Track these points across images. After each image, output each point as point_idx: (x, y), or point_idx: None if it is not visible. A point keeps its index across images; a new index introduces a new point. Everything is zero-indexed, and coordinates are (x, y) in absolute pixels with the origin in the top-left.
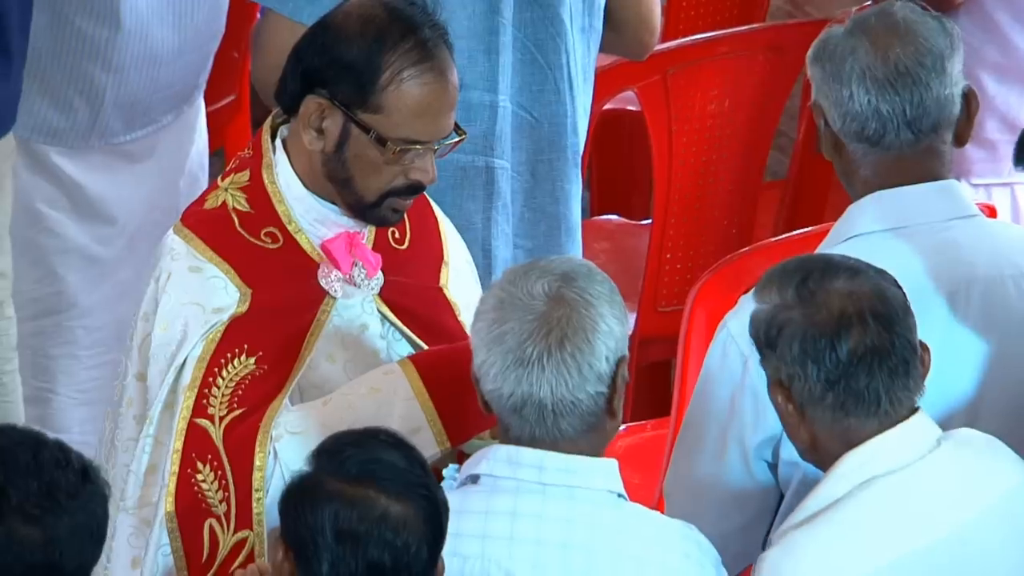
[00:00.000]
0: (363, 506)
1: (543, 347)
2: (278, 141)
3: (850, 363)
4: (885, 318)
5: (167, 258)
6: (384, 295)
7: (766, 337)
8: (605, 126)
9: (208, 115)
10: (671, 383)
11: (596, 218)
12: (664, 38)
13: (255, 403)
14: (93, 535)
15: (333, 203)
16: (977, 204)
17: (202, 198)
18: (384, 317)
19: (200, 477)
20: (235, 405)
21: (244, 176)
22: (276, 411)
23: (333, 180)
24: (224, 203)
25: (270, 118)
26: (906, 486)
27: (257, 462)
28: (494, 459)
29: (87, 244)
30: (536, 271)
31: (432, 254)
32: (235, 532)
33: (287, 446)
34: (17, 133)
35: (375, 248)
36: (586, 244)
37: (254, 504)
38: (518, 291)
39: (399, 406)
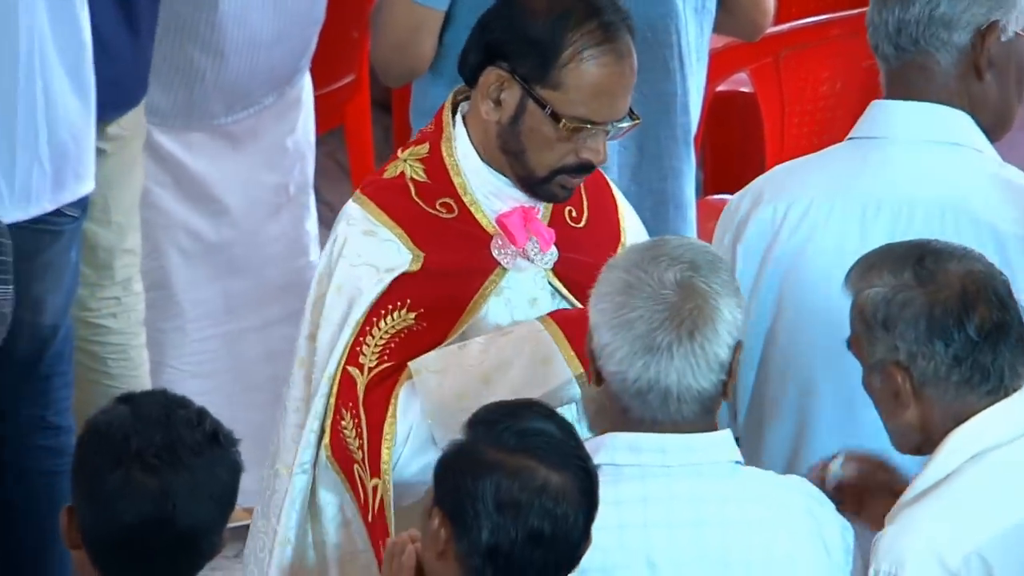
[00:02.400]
0: (524, 476)
1: (674, 337)
2: (458, 116)
3: (979, 339)
4: (1002, 296)
5: (343, 223)
6: (558, 270)
7: (883, 318)
8: (718, 107)
9: (327, 94)
10: None
11: (710, 197)
12: (777, 20)
13: (404, 360)
14: (213, 497)
15: (506, 176)
16: None
17: (382, 168)
18: (556, 292)
19: (343, 423)
20: (385, 358)
21: (423, 148)
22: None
23: (506, 152)
24: (402, 173)
25: (452, 94)
26: (1016, 457)
27: (388, 418)
28: (613, 448)
29: (190, 220)
30: (665, 258)
31: (609, 233)
32: (371, 478)
33: (425, 381)
34: None
35: (551, 224)
36: (700, 223)
37: (383, 452)
38: (648, 277)
39: (530, 343)
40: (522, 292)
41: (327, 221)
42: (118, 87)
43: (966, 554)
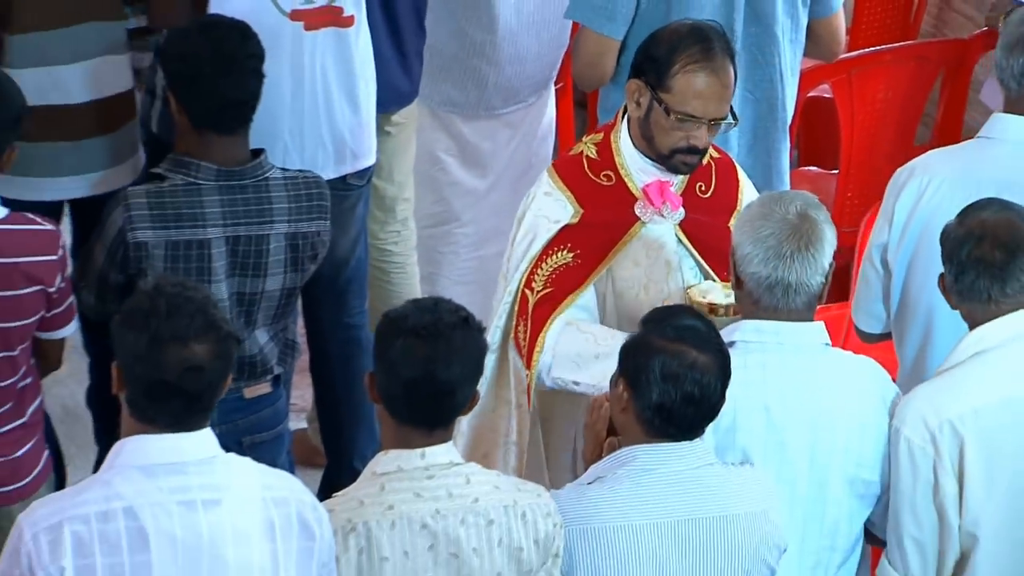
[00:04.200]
0: (681, 356)
1: (795, 247)
2: (626, 116)
3: (965, 264)
4: (1006, 241)
5: (536, 185)
6: (683, 226)
7: (947, 254)
8: (809, 107)
9: None
10: (850, 279)
11: (801, 168)
12: (848, 49)
13: (562, 286)
14: (464, 362)
15: (649, 157)
16: None
17: (570, 148)
18: (679, 241)
19: (520, 329)
20: (549, 284)
21: (599, 136)
22: (572, 302)
23: (644, 139)
24: (582, 152)
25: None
26: (1011, 351)
27: (543, 334)
28: (744, 331)
29: (467, 180)
30: (787, 197)
31: (728, 203)
32: (525, 369)
33: (569, 332)
34: (431, 105)
35: (684, 193)
36: (792, 185)
37: (535, 355)
38: (777, 208)
39: None
40: (654, 239)
41: None
42: (394, 92)
43: (941, 420)
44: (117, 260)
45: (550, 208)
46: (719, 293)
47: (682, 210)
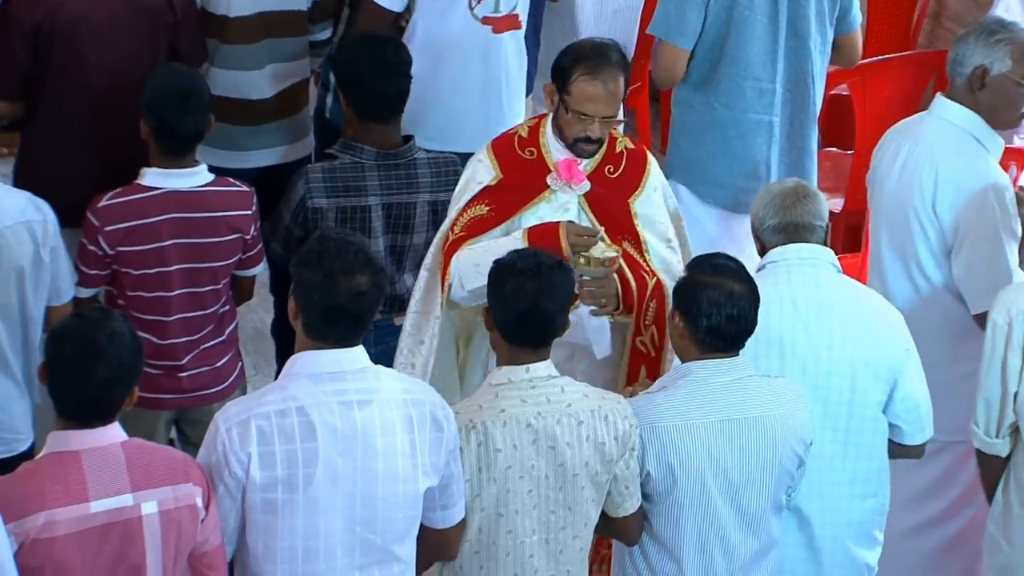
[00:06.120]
0: (722, 287)
1: (794, 198)
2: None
3: None
4: None
5: (475, 154)
6: (587, 196)
7: None
8: (831, 102)
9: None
10: (862, 234)
11: (825, 149)
12: (864, 55)
13: (472, 231)
14: (559, 297)
15: (561, 141)
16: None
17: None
18: (581, 208)
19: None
20: (464, 230)
21: (534, 121)
22: (476, 240)
23: (557, 127)
24: (516, 131)
25: None
26: None
27: (451, 262)
28: (771, 255)
29: None
30: (785, 180)
31: (631, 184)
32: (441, 292)
33: (464, 254)
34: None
35: (593, 172)
36: (819, 163)
37: (446, 279)
38: (778, 184)
39: (512, 243)
40: (560, 204)
41: None
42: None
43: (1021, 309)
44: (299, 221)
45: (479, 172)
46: (598, 249)
47: (587, 183)
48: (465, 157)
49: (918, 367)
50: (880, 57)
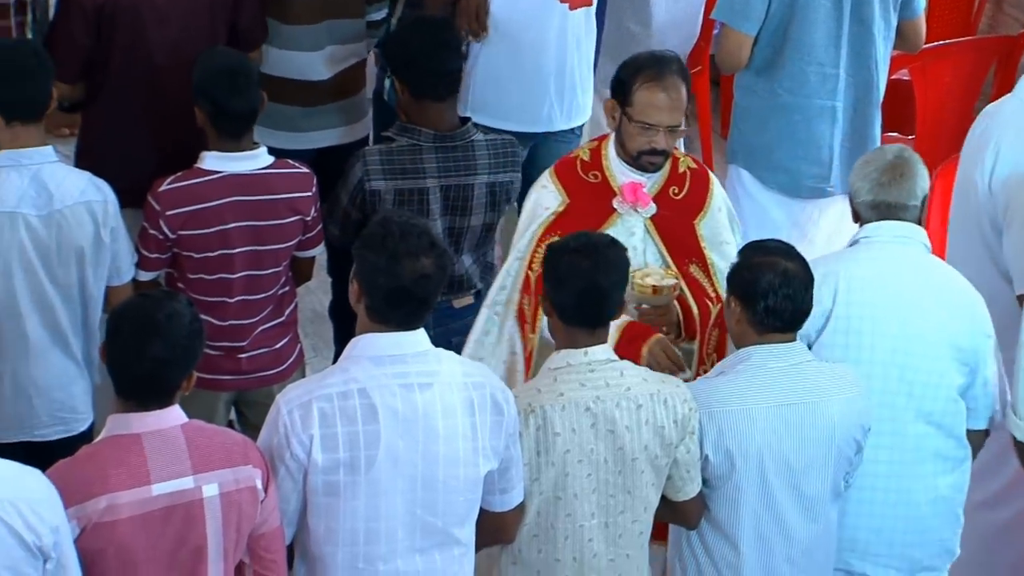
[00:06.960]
0: (776, 268)
1: (891, 176)
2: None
3: None
4: None
5: (539, 180)
6: (654, 219)
7: None
8: (893, 87)
9: None
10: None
11: (886, 134)
12: (926, 41)
13: None
14: (614, 275)
15: (626, 161)
16: None
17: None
18: (647, 231)
19: (524, 302)
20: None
21: (594, 144)
22: None
23: (619, 144)
24: (577, 155)
25: None
26: None
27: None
28: (865, 229)
29: None
30: (886, 147)
31: (696, 205)
32: (529, 334)
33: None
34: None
35: (658, 194)
36: None
37: (537, 323)
38: (878, 154)
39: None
40: (627, 228)
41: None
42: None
43: None
44: (357, 203)
45: (545, 198)
46: (657, 276)
47: (653, 206)
48: (537, 137)
49: (997, 354)
50: (941, 42)
